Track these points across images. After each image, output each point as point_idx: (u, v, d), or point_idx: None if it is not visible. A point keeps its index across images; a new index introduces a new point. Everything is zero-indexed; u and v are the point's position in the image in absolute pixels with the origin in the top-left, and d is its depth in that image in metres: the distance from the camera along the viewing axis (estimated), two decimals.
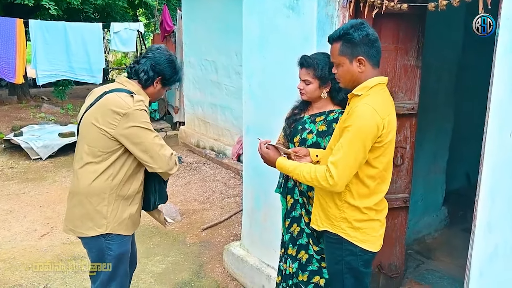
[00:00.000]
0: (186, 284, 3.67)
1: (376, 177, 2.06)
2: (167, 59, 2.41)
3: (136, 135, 2.24)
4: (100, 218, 2.34)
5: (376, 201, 2.10)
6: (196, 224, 4.78)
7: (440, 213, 4.47)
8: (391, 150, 2.07)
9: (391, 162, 2.12)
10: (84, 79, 9.37)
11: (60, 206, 5.22)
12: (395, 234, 3.30)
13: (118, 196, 2.35)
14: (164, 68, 2.39)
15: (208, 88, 7.45)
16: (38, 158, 7.03)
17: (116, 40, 9.87)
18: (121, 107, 2.21)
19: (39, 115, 9.80)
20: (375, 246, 2.14)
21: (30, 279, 3.73)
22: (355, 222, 2.07)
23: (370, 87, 2.01)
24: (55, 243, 4.37)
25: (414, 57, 3.06)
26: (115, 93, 2.28)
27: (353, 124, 1.93)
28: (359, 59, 2.00)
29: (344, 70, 2.06)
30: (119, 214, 2.37)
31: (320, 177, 1.97)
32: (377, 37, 2.03)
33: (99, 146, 2.27)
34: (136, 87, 2.38)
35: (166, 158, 2.30)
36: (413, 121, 3.16)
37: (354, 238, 2.08)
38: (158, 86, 2.43)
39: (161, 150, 2.29)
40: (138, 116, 2.24)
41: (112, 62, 18.64)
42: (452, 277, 3.64)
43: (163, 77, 2.41)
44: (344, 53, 2.02)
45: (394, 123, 2.06)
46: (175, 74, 2.46)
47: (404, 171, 3.21)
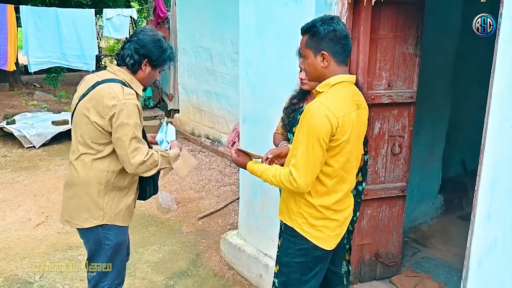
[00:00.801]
0: (183, 273, 3.67)
1: (332, 176, 2.03)
2: (151, 39, 2.32)
3: (118, 129, 2.20)
4: (96, 210, 2.33)
5: (334, 200, 2.07)
6: (192, 213, 4.77)
7: (436, 201, 4.49)
8: (350, 150, 2.01)
9: (351, 163, 2.07)
10: (76, 66, 9.27)
11: (54, 195, 5.18)
12: (392, 223, 3.31)
13: (114, 187, 2.34)
14: (149, 49, 2.30)
15: (203, 75, 7.38)
16: (31, 147, 6.96)
17: (108, 26, 9.74)
18: (111, 99, 2.19)
19: (31, 103, 9.69)
20: (328, 244, 2.12)
21: (26, 269, 3.71)
22: (311, 218, 2.08)
23: (332, 85, 1.98)
24: (50, 233, 4.34)
25: (413, 45, 3.04)
26: (107, 84, 2.24)
27: (305, 124, 1.93)
28: (322, 53, 1.96)
29: (309, 63, 2.04)
30: (115, 205, 2.36)
31: (285, 180, 1.97)
32: (346, 35, 1.97)
33: (92, 137, 2.26)
34: (128, 75, 2.33)
35: (135, 164, 2.23)
36: (411, 109, 3.14)
37: (308, 233, 2.09)
38: (148, 69, 2.35)
39: (133, 153, 2.22)
40: (126, 111, 2.19)
41: (104, 48, 18.44)
42: (448, 266, 3.67)
43: (149, 59, 2.32)
44: (309, 46, 2.00)
45: (352, 122, 1.97)
46: (163, 53, 2.35)
47: (402, 160, 3.21)
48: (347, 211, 2.18)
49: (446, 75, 4.10)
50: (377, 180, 3.17)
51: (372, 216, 3.21)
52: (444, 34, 3.89)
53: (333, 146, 1.95)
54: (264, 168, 2.11)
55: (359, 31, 2.79)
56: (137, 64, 2.32)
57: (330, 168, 2.00)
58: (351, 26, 2.77)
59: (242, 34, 3.35)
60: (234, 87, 6.60)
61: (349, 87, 2.02)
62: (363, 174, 2.56)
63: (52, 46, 8.73)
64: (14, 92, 10.57)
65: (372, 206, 3.19)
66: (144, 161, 2.24)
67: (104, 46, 18.52)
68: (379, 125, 3.08)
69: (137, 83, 2.36)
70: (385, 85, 3.03)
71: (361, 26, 2.77)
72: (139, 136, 2.25)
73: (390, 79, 3.04)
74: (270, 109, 3.05)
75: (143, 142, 2.28)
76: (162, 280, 3.56)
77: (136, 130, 2.22)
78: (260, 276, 3.39)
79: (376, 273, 3.37)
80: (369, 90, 2.94)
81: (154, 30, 2.41)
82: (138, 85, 2.36)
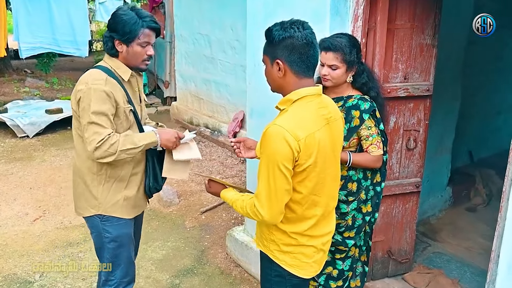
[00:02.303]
0: (188, 271, 3.56)
1: (302, 202, 1.82)
2: (112, 16, 2.17)
3: (81, 114, 2.13)
4: (92, 198, 2.30)
5: (308, 226, 1.87)
6: (195, 206, 4.64)
7: (445, 193, 4.41)
8: (319, 172, 1.80)
9: (322, 184, 1.84)
10: (69, 52, 9.05)
11: (51, 187, 5.02)
12: (405, 219, 3.21)
13: (110, 177, 2.27)
14: (113, 27, 2.15)
15: (201, 63, 7.18)
16: (25, 136, 6.77)
17: (101, 10, 9.49)
18: (80, 85, 2.15)
19: (23, 90, 9.43)
20: (306, 272, 1.94)
21: (24, 267, 3.58)
22: (283, 245, 1.90)
23: (293, 101, 1.75)
24: (49, 228, 4.21)
25: (430, 35, 2.90)
26: (88, 71, 2.21)
27: (263, 150, 1.73)
28: (277, 62, 1.75)
29: (266, 70, 1.85)
30: (111, 195, 2.29)
31: (251, 212, 1.81)
32: (307, 43, 1.72)
33: (76, 125, 2.25)
34: (114, 62, 2.23)
35: (91, 150, 2.08)
36: (428, 102, 3.03)
37: (282, 261, 1.91)
38: (123, 47, 2.18)
39: (89, 138, 2.08)
40: (89, 96, 2.09)
41: (95, 32, 17.99)
42: (460, 261, 3.60)
43: (118, 36, 2.15)
44: (266, 52, 1.81)
45: (318, 143, 1.75)
46: (126, 25, 2.12)
47: (417, 154, 3.10)
48: (326, 237, 1.98)
49: (457, 64, 3.98)
50: (391, 176, 3.06)
51: (386, 213, 3.11)
52: (456, 21, 3.75)
53: (298, 172, 1.74)
54: (235, 199, 1.94)
55: (376, 21, 2.65)
56: (111, 47, 2.20)
57: (299, 195, 1.80)
58: (368, 17, 2.62)
59: (250, 21, 3.19)
60: (234, 75, 6.43)
61: (314, 101, 1.78)
62: (381, 174, 2.45)
63: (44, 31, 8.50)
64: (5, 78, 10.28)
65: (386, 203, 3.08)
66: (97, 146, 2.06)
67: (95, 29, 18.07)
68: (394, 119, 2.96)
69: (124, 68, 2.23)
70: (401, 77, 2.90)
71: (378, 16, 2.63)
72: (99, 122, 2.08)
73: (406, 71, 2.91)
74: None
75: (103, 127, 2.08)
76: (167, 278, 3.45)
77: (95, 115, 2.08)
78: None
79: (388, 270, 3.28)
80: (385, 83, 2.81)
81: (122, 8, 2.20)
82: (125, 70, 2.24)
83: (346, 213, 2.39)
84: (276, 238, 1.90)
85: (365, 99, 2.34)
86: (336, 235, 2.41)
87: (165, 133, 2.26)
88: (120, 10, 2.18)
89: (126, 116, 2.22)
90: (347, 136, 2.32)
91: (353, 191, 2.38)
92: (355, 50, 2.26)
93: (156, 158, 2.39)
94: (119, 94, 2.18)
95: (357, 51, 2.28)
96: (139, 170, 2.36)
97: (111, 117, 2.14)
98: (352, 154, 2.34)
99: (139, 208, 2.47)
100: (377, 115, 2.36)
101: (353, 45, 2.27)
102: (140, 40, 2.16)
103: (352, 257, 2.52)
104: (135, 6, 2.24)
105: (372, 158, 2.34)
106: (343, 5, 2.60)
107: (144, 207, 2.53)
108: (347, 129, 2.32)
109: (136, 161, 2.31)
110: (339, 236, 2.41)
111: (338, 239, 2.40)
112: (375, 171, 2.43)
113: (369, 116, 2.32)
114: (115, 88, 2.17)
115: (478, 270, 3.46)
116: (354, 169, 2.38)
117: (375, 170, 2.43)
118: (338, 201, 2.36)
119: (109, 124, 2.12)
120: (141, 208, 2.50)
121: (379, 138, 2.36)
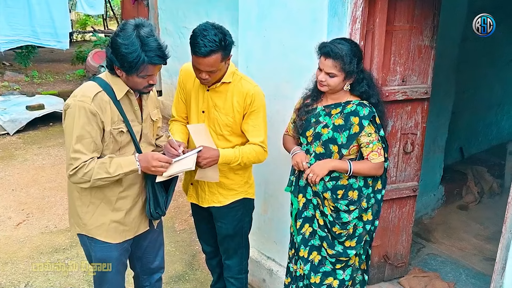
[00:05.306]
0: (180, 277, 3.46)
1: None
2: (113, 41, 1.95)
3: (64, 131, 2.04)
4: (77, 217, 2.20)
5: None
6: (184, 208, 4.53)
7: (438, 192, 4.38)
8: None
9: None
10: (49, 45, 8.82)
11: (34, 189, 4.85)
12: (402, 224, 3.17)
13: (95, 198, 2.14)
14: (113, 52, 1.95)
15: (188, 58, 6.97)
16: (5, 134, 6.54)
17: (82, 2, 9.22)
18: (71, 97, 2.03)
19: (2, 84, 9.11)
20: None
21: (9, 276, 3.44)
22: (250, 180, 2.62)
23: None
24: (33, 233, 4.06)
25: (429, 37, 2.83)
26: (86, 82, 2.11)
27: (260, 105, 2.41)
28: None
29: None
30: (96, 217, 2.17)
31: (260, 153, 2.42)
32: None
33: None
34: (114, 78, 2.06)
35: (68, 174, 2.01)
36: (425, 105, 2.96)
37: (251, 194, 2.64)
38: (123, 74, 2.01)
39: (68, 162, 2.00)
40: (73, 113, 1.97)
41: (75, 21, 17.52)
42: (454, 262, 3.58)
43: (117, 64, 1.97)
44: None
45: None
46: (125, 59, 1.92)
47: (414, 158, 3.04)
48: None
49: (451, 62, 3.92)
50: (388, 180, 2.98)
51: (382, 218, 3.05)
52: (450, 18, 3.67)
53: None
54: (238, 150, 2.40)
55: (374, 23, 2.56)
56: (111, 68, 2.03)
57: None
58: (366, 18, 2.53)
59: (242, 21, 3.07)
60: None
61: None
62: (382, 181, 2.38)
63: (23, 23, 8.27)
64: None
65: (383, 207, 2.96)
66: (71, 174, 1.99)
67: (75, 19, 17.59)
68: (391, 123, 2.88)
69: (121, 86, 2.05)
70: (399, 80, 2.82)
71: (377, 17, 2.54)
72: (77, 148, 1.97)
73: (404, 74, 2.83)
74: (273, 106, 2.81)
75: (81, 153, 1.97)
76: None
77: (75, 139, 1.96)
78: (263, 281, 3.22)
79: (384, 275, 3.24)
80: (383, 87, 2.72)
81: (125, 28, 1.95)
82: (121, 88, 2.05)
83: (347, 222, 2.32)
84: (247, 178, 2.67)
85: (364, 105, 2.25)
86: (337, 246, 2.34)
87: (144, 161, 2.06)
88: (121, 37, 1.91)
89: (114, 138, 2.06)
90: (346, 143, 2.24)
91: (354, 199, 2.31)
92: (355, 59, 2.16)
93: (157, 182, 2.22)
94: (107, 113, 2.02)
95: (357, 61, 2.18)
96: (130, 194, 2.20)
97: (96, 137, 2.00)
98: (353, 162, 2.26)
99: (132, 232, 2.28)
100: (377, 121, 2.28)
101: (354, 54, 2.16)
102: (140, 74, 1.99)
103: (353, 266, 2.45)
104: (143, 26, 1.95)
105: (373, 166, 2.27)
106: (341, 6, 2.49)
107: (142, 229, 2.34)
108: (347, 136, 2.24)
109: (127, 184, 2.16)
110: (340, 247, 2.34)
111: (339, 250, 2.34)
112: (376, 178, 2.36)
113: (369, 122, 2.24)
114: (105, 106, 2.01)
115: (473, 272, 3.45)
116: (355, 177, 2.31)
117: (376, 177, 2.36)
118: (339, 210, 2.30)
119: (91, 147, 1.99)
120: (137, 231, 2.31)
121: (380, 145, 2.28)
